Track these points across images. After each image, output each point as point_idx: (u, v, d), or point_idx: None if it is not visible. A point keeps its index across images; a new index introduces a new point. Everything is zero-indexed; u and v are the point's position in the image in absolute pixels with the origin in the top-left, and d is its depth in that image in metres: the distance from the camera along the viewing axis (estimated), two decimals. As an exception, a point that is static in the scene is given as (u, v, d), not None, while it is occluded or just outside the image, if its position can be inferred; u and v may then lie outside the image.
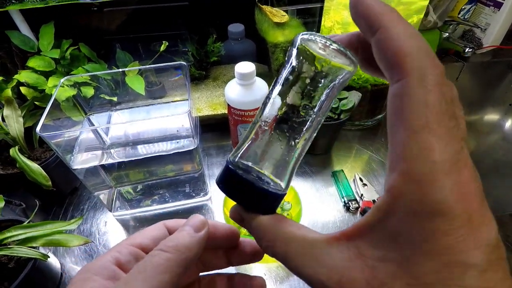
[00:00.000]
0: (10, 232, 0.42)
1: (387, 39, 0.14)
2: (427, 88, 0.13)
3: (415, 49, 0.14)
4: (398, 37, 0.14)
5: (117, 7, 0.71)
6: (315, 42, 0.18)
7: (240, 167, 0.20)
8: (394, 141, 0.14)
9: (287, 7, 0.67)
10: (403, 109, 0.14)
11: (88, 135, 0.54)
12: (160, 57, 0.67)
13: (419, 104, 0.13)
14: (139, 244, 0.21)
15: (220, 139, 0.74)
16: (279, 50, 0.67)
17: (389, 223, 0.14)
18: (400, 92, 0.14)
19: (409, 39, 0.14)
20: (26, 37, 0.62)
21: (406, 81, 0.14)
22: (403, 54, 0.14)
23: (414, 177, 0.13)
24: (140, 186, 0.60)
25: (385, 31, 0.14)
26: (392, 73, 0.14)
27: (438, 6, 0.70)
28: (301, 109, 0.19)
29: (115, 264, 0.20)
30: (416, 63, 0.14)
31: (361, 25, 0.16)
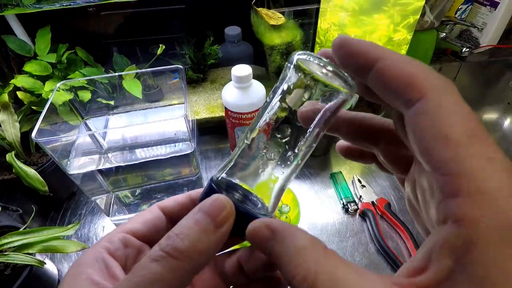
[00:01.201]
0: (6, 238, 0.41)
1: (392, 65, 0.14)
2: (455, 100, 0.13)
3: (423, 69, 0.14)
4: (400, 62, 0.14)
5: (114, 10, 0.71)
6: (312, 63, 0.17)
7: (224, 185, 0.19)
8: (438, 162, 0.12)
9: (283, 9, 0.67)
10: (438, 124, 0.12)
11: (85, 140, 0.54)
12: (157, 60, 0.66)
13: (455, 114, 0.12)
14: (129, 229, 0.20)
15: (218, 142, 0.73)
16: (276, 52, 0.67)
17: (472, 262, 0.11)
18: (427, 109, 0.13)
19: (411, 62, 0.14)
20: (23, 41, 0.62)
21: (431, 97, 0.13)
22: (415, 74, 0.13)
23: (487, 195, 0.11)
24: (138, 190, 0.59)
25: (385, 60, 0.14)
26: (407, 95, 0.13)
27: (434, 6, 0.70)
28: (292, 132, 0.18)
29: (106, 253, 0.18)
30: (432, 80, 0.13)
31: (352, 64, 0.15)
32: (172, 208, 0.21)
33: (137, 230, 0.20)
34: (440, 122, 0.12)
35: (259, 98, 0.55)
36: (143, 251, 0.20)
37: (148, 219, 0.20)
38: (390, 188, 0.62)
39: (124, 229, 0.19)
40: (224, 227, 0.16)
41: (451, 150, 0.12)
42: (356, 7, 0.55)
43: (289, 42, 0.66)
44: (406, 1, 0.53)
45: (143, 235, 0.20)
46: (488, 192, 0.11)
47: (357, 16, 0.56)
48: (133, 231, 0.20)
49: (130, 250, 0.19)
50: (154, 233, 0.20)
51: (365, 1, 0.54)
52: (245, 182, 0.19)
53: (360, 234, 0.56)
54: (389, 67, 0.14)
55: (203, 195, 0.19)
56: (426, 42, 0.75)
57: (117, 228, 0.20)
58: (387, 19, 0.55)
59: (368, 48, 0.15)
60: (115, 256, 0.18)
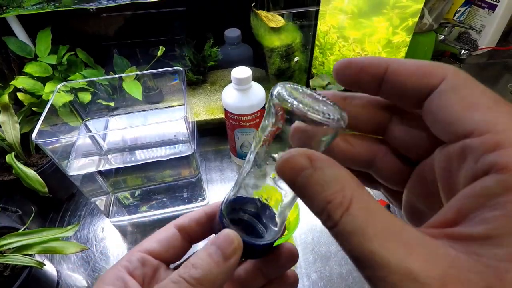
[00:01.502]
0: (5, 239, 0.41)
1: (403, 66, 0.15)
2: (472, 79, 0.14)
3: (432, 62, 0.15)
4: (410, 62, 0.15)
5: (115, 12, 0.71)
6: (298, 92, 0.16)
7: (234, 206, 0.20)
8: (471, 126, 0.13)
9: (283, 11, 0.67)
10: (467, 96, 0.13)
11: (85, 141, 0.54)
12: (158, 62, 0.67)
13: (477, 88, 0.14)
14: (146, 249, 0.21)
15: (217, 144, 0.73)
16: (275, 55, 0.67)
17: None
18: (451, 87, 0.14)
19: (419, 60, 0.15)
20: (23, 43, 0.62)
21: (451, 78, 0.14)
22: (428, 65, 0.15)
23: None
24: (137, 192, 0.59)
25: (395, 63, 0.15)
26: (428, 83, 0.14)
27: (433, 9, 0.70)
28: None
29: (126, 273, 0.20)
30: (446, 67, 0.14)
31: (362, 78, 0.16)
32: (188, 225, 0.22)
33: (154, 249, 0.21)
34: (466, 93, 0.13)
35: (258, 100, 0.55)
36: (159, 269, 0.21)
37: (163, 238, 0.22)
38: (390, 189, 0.63)
39: (142, 249, 0.21)
40: (232, 259, 0.18)
41: (482, 113, 0.13)
42: (355, 10, 0.56)
43: (289, 44, 0.66)
44: (405, 3, 0.53)
45: (159, 253, 0.21)
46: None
47: (356, 19, 0.57)
48: (149, 251, 0.21)
49: (148, 269, 0.21)
50: (170, 251, 0.22)
51: (364, 3, 0.55)
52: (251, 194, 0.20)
53: (359, 235, 0.56)
54: (403, 67, 0.15)
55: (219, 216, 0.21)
56: (425, 44, 0.75)
57: (136, 248, 0.21)
58: (386, 21, 0.56)
59: (374, 59, 0.16)
60: (134, 275, 0.20)
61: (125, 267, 0.20)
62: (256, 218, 0.21)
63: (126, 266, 0.20)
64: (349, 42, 0.60)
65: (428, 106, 0.15)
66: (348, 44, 0.61)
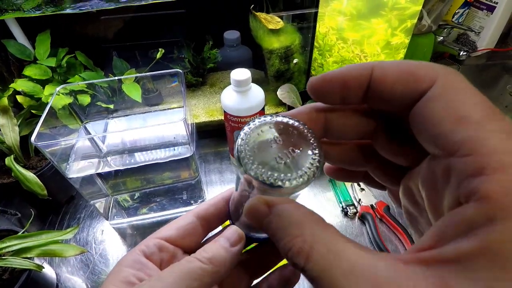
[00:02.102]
0: (4, 242, 0.41)
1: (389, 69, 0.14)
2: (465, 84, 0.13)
3: (420, 62, 0.14)
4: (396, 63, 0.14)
5: (114, 15, 0.71)
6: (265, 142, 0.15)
7: None
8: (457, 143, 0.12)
9: (282, 13, 0.68)
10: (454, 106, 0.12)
11: (84, 143, 0.54)
12: (157, 64, 0.67)
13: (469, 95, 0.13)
14: (163, 236, 0.22)
15: (217, 146, 0.73)
16: (274, 56, 0.67)
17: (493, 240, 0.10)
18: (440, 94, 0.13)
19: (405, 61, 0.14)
20: (23, 45, 0.62)
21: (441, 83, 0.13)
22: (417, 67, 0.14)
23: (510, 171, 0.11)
24: (137, 194, 0.59)
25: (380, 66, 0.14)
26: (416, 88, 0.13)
27: (432, 10, 0.70)
28: None
29: (143, 256, 0.21)
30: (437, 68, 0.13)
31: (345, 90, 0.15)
32: (205, 210, 0.23)
33: (171, 236, 0.22)
34: (455, 103, 0.12)
35: (258, 102, 0.55)
36: (176, 255, 0.22)
37: (181, 225, 0.23)
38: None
39: (159, 236, 0.22)
40: (237, 246, 0.20)
41: (470, 129, 0.12)
42: (354, 12, 0.56)
43: (288, 46, 0.66)
44: (404, 5, 0.54)
45: (176, 240, 0.22)
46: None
47: (355, 21, 0.57)
48: (166, 237, 0.22)
49: (165, 254, 0.21)
50: (187, 238, 0.23)
51: (363, 5, 0.55)
52: None
53: (359, 237, 0.56)
54: (387, 72, 0.14)
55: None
56: (424, 46, 0.75)
57: (153, 234, 0.22)
58: (385, 23, 0.56)
59: (354, 70, 0.15)
60: (151, 259, 0.21)
61: (142, 251, 0.21)
62: None
63: (143, 250, 0.21)
64: (348, 44, 0.60)
65: (414, 114, 0.14)
66: (347, 45, 0.61)
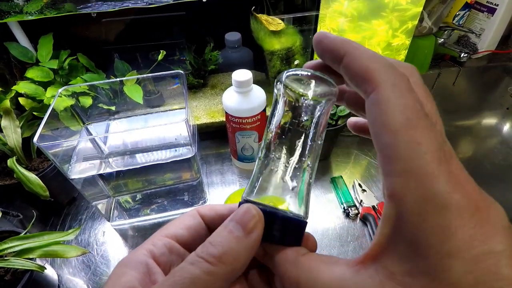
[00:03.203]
0: (6, 243, 0.41)
1: (354, 60, 0.16)
2: (401, 93, 0.15)
3: (380, 64, 0.16)
4: (362, 57, 0.16)
5: (115, 17, 0.71)
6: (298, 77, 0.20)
7: (256, 203, 0.19)
8: (381, 145, 0.15)
9: (283, 15, 0.68)
10: (382, 114, 0.14)
11: (86, 145, 0.54)
12: (158, 66, 0.67)
13: (397, 106, 0.14)
14: (173, 235, 0.20)
15: (218, 147, 0.74)
16: (275, 58, 0.67)
17: (403, 230, 0.14)
18: (377, 100, 0.15)
19: (372, 57, 0.16)
20: (25, 48, 0.62)
21: (380, 90, 0.15)
22: (371, 69, 0.15)
23: (410, 173, 0.13)
24: (138, 195, 0.59)
25: (350, 55, 0.16)
26: (365, 87, 0.16)
27: (432, 12, 0.71)
28: (297, 137, 0.20)
29: (150, 258, 0.18)
30: (384, 75, 0.15)
31: (328, 57, 0.18)
32: (211, 217, 0.21)
33: (182, 236, 0.20)
34: (383, 112, 0.14)
35: (259, 103, 0.55)
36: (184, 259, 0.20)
37: (191, 225, 0.20)
38: (391, 192, 0.62)
39: (169, 234, 0.19)
40: (254, 233, 0.17)
41: (389, 136, 0.14)
42: (355, 13, 0.56)
43: (289, 47, 0.66)
44: (405, 7, 0.54)
45: (187, 242, 0.20)
46: (411, 172, 0.13)
47: (356, 22, 0.57)
48: (177, 237, 0.20)
49: (175, 257, 0.19)
50: (197, 241, 0.20)
51: (364, 7, 0.55)
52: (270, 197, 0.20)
53: (361, 238, 0.56)
54: (352, 62, 0.16)
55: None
56: (424, 48, 0.75)
57: (161, 231, 0.20)
58: (386, 24, 0.56)
59: (337, 45, 0.17)
60: (159, 261, 0.18)
61: (150, 252, 0.18)
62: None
63: (151, 251, 0.18)
64: (349, 45, 0.61)
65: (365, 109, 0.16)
66: (348, 47, 0.61)
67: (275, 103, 0.21)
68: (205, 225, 0.21)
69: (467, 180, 0.14)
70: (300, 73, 0.20)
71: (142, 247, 0.19)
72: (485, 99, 0.93)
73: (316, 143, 0.21)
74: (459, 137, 0.87)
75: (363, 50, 0.16)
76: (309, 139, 0.20)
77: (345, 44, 0.17)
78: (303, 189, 0.20)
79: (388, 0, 0.53)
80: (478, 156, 0.83)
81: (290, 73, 0.20)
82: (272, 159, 0.20)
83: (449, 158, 0.14)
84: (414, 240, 0.13)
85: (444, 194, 0.13)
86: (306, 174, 0.20)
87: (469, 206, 0.13)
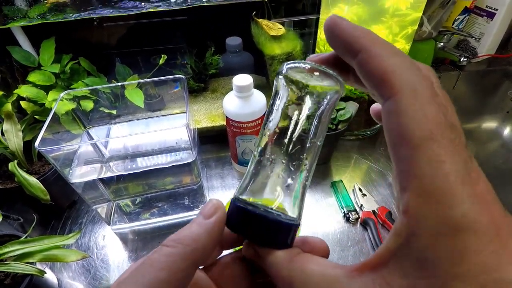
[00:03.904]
0: (7, 247, 0.41)
1: (371, 59, 0.14)
2: (423, 101, 0.13)
3: (400, 64, 0.14)
4: (381, 56, 0.14)
5: (117, 22, 0.72)
6: (300, 69, 0.18)
7: (246, 202, 0.19)
8: (399, 158, 0.14)
9: (284, 19, 0.68)
10: (401, 124, 0.13)
11: (87, 149, 0.54)
12: (159, 70, 0.67)
13: (418, 117, 0.13)
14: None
15: (219, 151, 0.74)
16: (276, 62, 0.67)
17: (413, 248, 0.13)
18: (396, 109, 0.13)
19: (392, 56, 0.14)
20: (27, 52, 0.63)
21: (400, 97, 0.13)
22: (390, 71, 0.14)
23: (430, 193, 0.12)
24: (139, 199, 0.59)
25: (367, 51, 0.15)
26: (381, 91, 0.14)
27: (432, 17, 0.71)
28: (296, 135, 0.19)
29: None
30: (405, 78, 0.14)
31: (340, 49, 0.16)
32: None
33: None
34: (403, 123, 0.13)
35: (260, 107, 0.56)
36: None
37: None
38: (391, 196, 0.62)
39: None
40: (213, 217, 0.18)
41: (408, 150, 0.13)
42: (355, 18, 0.56)
43: (289, 52, 0.67)
44: (404, 12, 0.54)
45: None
46: (432, 193, 0.12)
47: (356, 27, 0.57)
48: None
49: None
50: None
51: (364, 12, 0.55)
52: (263, 197, 0.19)
53: (361, 243, 0.55)
54: (368, 61, 0.14)
55: (229, 216, 0.19)
56: (424, 52, 0.76)
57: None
58: (386, 29, 0.56)
59: (352, 37, 0.15)
60: None
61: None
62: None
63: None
64: (349, 50, 0.61)
65: (381, 113, 0.15)
66: (348, 52, 0.61)
67: (274, 97, 0.20)
68: None
69: (492, 203, 0.13)
70: (302, 66, 0.18)
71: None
72: (485, 103, 0.93)
73: (315, 144, 0.19)
74: (460, 141, 0.87)
75: (382, 46, 0.14)
76: (309, 138, 0.19)
77: (361, 37, 0.15)
78: (298, 190, 0.19)
79: (388, 5, 0.54)
80: (478, 160, 0.82)
81: (291, 65, 0.19)
82: (268, 157, 0.19)
83: (475, 177, 0.13)
84: (423, 258, 0.13)
85: (463, 216, 0.12)
86: (303, 175, 0.19)
87: (489, 231, 0.12)
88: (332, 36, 0.16)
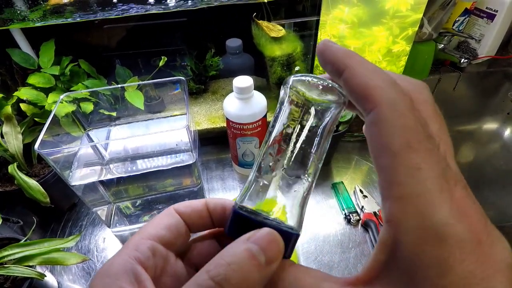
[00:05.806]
0: (6, 251, 0.41)
1: (354, 76, 0.16)
2: (401, 113, 0.14)
3: (381, 81, 0.15)
4: (363, 73, 0.15)
5: (117, 24, 0.72)
6: (305, 82, 0.19)
7: (247, 210, 0.19)
8: (381, 168, 0.14)
9: (284, 21, 0.68)
10: (381, 135, 0.14)
11: (87, 151, 0.54)
12: (159, 72, 0.67)
13: (396, 127, 0.14)
14: (155, 236, 0.18)
15: (219, 152, 0.73)
16: (276, 64, 0.67)
17: (399, 258, 0.13)
18: (376, 120, 0.14)
19: (374, 74, 0.15)
20: (27, 54, 0.62)
21: (380, 109, 0.14)
22: (371, 87, 0.15)
23: (409, 200, 0.13)
24: (139, 201, 0.59)
25: (350, 70, 0.16)
26: (364, 105, 0.15)
27: (432, 18, 0.71)
28: (298, 146, 0.19)
29: (137, 264, 0.17)
30: (385, 93, 0.15)
31: (329, 69, 0.17)
32: (188, 214, 0.20)
33: (163, 236, 0.18)
34: (382, 133, 0.14)
35: (260, 109, 0.56)
36: (168, 260, 0.19)
37: (171, 224, 0.19)
38: (392, 198, 0.62)
39: (150, 236, 0.18)
40: (274, 264, 0.16)
41: (388, 159, 0.14)
42: (355, 20, 0.56)
43: (290, 53, 0.67)
44: (405, 13, 0.54)
45: (169, 242, 0.19)
46: (411, 200, 0.13)
47: (357, 28, 0.57)
48: (159, 238, 0.18)
49: (158, 260, 0.18)
50: (179, 240, 0.19)
51: (364, 13, 0.55)
52: (263, 206, 0.19)
53: (362, 245, 0.55)
54: (352, 78, 0.16)
55: (230, 224, 0.19)
56: (424, 53, 0.76)
57: (141, 234, 0.18)
58: (386, 31, 0.56)
59: (339, 58, 0.17)
60: (146, 266, 0.17)
61: (136, 258, 0.17)
62: None
63: (137, 257, 0.17)
64: (349, 52, 0.61)
65: (364, 126, 0.16)
66: (348, 53, 0.61)
67: (280, 107, 0.20)
68: (184, 223, 0.20)
69: (472, 209, 0.13)
70: (308, 79, 0.19)
71: (125, 252, 0.17)
72: (485, 104, 0.93)
73: (318, 155, 0.20)
74: (460, 142, 0.87)
75: (364, 65, 0.16)
76: (311, 149, 0.20)
77: (346, 58, 0.16)
78: (299, 200, 0.19)
79: (388, 7, 0.53)
80: (479, 161, 0.83)
81: (298, 78, 0.20)
82: (271, 165, 0.20)
83: (453, 184, 0.13)
84: (410, 270, 0.13)
85: (444, 224, 0.12)
86: (305, 185, 0.20)
87: (471, 239, 0.12)
88: (323, 57, 0.17)
